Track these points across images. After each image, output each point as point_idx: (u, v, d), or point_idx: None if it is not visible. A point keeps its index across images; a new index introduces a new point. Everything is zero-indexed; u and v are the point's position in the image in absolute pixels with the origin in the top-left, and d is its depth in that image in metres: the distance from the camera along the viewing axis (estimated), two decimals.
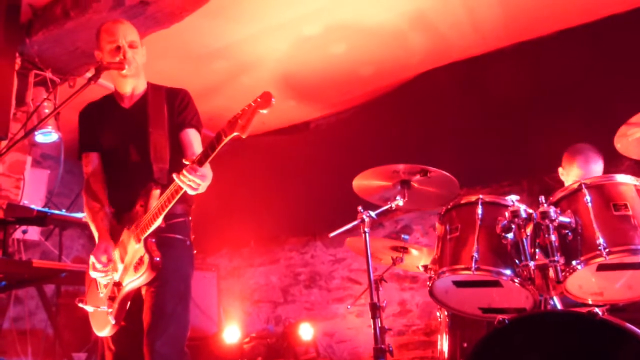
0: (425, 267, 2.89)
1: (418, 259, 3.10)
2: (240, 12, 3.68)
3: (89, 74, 2.23)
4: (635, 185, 2.10)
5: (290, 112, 5.12)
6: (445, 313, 2.77)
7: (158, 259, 2.14)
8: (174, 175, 2.05)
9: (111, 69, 2.28)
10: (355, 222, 2.64)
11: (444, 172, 2.68)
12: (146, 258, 2.13)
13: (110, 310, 2.25)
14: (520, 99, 3.98)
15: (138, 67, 2.39)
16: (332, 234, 2.84)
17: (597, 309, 1.82)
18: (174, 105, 2.42)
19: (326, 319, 4.55)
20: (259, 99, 1.89)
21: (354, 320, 4.41)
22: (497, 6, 3.74)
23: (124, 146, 2.38)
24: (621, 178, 2.12)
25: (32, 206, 3.22)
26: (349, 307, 3.59)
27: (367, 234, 2.60)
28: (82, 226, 3.64)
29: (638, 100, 2.28)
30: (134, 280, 2.19)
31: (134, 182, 2.29)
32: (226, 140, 1.97)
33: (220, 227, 5.01)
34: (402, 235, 2.98)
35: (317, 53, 4.24)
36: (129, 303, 2.26)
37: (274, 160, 5.08)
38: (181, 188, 2.05)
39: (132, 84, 2.43)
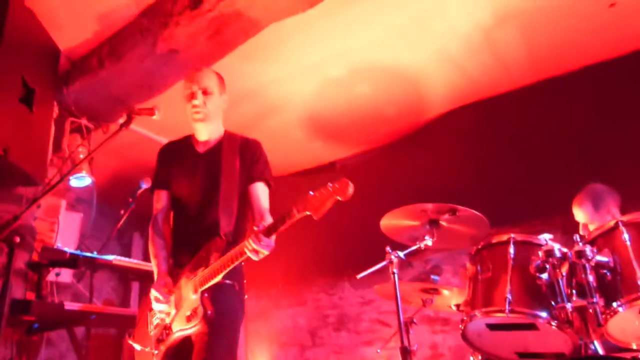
0: (458, 305, 2.82)
1: (449, 299, 3.03)
2: (267, 55, 3.77)
3: (121, 120, 2.30)
4: None
5: (316, 153, 5.16)
6: (480, 358, 2.67)
7: (211, 314, 2.14)
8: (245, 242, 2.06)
9: (142, 114, 2.35)
10: (383, 263, 2.61)
11: (473, 210, 2.65)
12: (200, 310, 2.14)
13: (156, 352, 2.25)
14: (548, 135, 3.93)
15: (209, 113, 2.43)
16: (359, 276, 2.80)
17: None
18: (246, 156, 2.44)
19: None
20: (337, 185, 1.91)
21: None
22: (522, 44, 3.75)
23: (194, 191, 2.41)
24: None
25: (65, 249, 3.29)
26: (378, 351, 3.49)
27: (395, 275, 2.55)
28: (113, 268, 3.70)
29: None
30: (185, 330, 2.19)
31: (199, 230, 2.31)
32: (297, 217, 1.99)
33: (247, 267, 4.99)
34: (432, 276, 2.92)
35: (342, 94, 4.29)
36: (174, 350, 2.26)
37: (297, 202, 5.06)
38: (245, 252, 2.07)
39: (205, 130, 2.47)
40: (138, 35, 3.14)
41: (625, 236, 2.01)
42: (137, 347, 2.35)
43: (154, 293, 2.27)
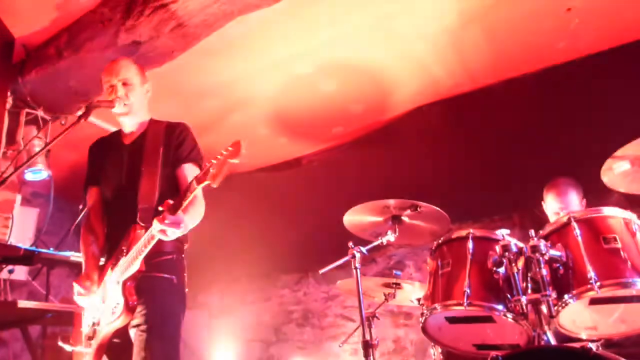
0: (419, 300, 2.87)
1: (411, 293, 3.08)
2: (231, 52, 3.74)
3: (79, 112, 2.24)
4: (623, 218, 2.12)
5: (282, 149, 5.15)
6: (439, 350, 2.73)
7: (133, 303, 2.12)
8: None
9: (101, 106, 2.31)
10: (346, 258, 2.63)
11: (434, 207, 2.69)
12: (122, 301, 2.11)
13: (89, 350, 2.21)
14: (508, 135, 4.03)
15: (132, 105, 2.41)
16: (322, 271, 2.81)
17: (591, 344, 1.80)
18: (171, 140, 2.43)
19: (320, 358, 4.46)
20: (230, 148, 1.89)
21: (348, 358, 4.32)
22: (485, 46, 3.83)
23: (119, 183, 2.39)
24: (609, 211, 2.14)
25: (20, 245, 3.18)
26: (340, 345, 3.52)
27: (358, 270, 2.58)
28: (71, 265, 3.59)
29: (622, 135, 2.31)
30: (111, 323, 2.16)
31: (125, 221, 2.28)
32: (198, 188, 1.97)
33: (212, 264, 4.96)
34: (394, 271, 2.96)
35: (308, 90, 4.29)
36: (109, 346, 2.22)
37: (266, 197, 5.08)
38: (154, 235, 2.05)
39: (130, 122, 2.46)
40: (99, 25, 3.07)
41: (577, 232, 2.08)
42: (68, 347, 2.30)
43: (75, 288, 2.25)
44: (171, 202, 2.03)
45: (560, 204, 3.11)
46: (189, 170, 2.36)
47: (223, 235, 4.85)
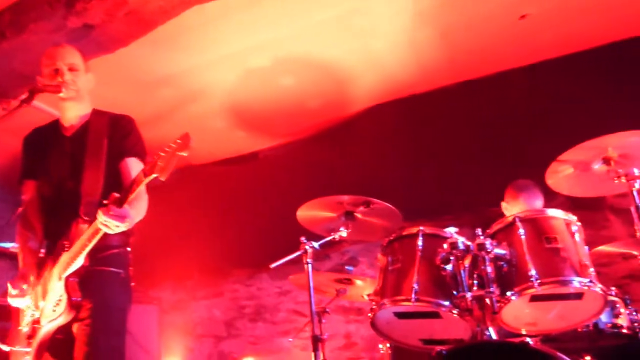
0: (370, 295, 2.90)
1: (362, 289, 3.11)
2: (187, 41, 3.67)
3: (22, 97, 2.15)
4: (565, 220, 2.20)
5: (239, 142, 5.10)
6: (388, 345, 2.77)
7: (76, 299, 2.06)
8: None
9: (47, 91, 2.21)
10: (297, 253, 2.63)
11: (386, 204, 2.73)
12: (64, 298, 2.05)
13: (29, 349, 2.12)
14: (461, 136, 4.13)
15: (80, 91, 2.33)
16: (272, 265, 2.80)
17: (529, 339, 1.87)
18: (115, 133, 2.35)
19: (271, 353, 4.46)
20: (178, 141, 1.86)
21: (299, 354, 4.33)
22: (441, 47, 3.90)
23: (60, 176, 2.30)
24: (552, 212, 2.22)
25: None
26: (290, 340, 3.53)
27: (309, 265, 2.59)
28: (12, 257, 3.45)
29: (568, 139, 2.40)
30: (53, 320, 2.09)
31: (66, 215, 2.20)
32: (145, 181, 1.93)
33: (164, 258, 4.86)
34: (346, 267, 2.99)
35: (266, 84, 4.27)
36: (50, 343, 2.15)
37: (220, 190, 5.02)
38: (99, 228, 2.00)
39: (73, 109, 2.36)
40: (46, 7, 2.94)
41: (521, 231, 2.16)
42: (6, 347, 2.21)
43: (9, 289, 2.18)
44: (117, 195, 1.98)
45: (530, 207, 3.17)
46: (133, 164, 2.30)
47: (175, 229, 4.76)
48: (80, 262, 2.06)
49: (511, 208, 3.26)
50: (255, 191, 4.81)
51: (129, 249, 2.30)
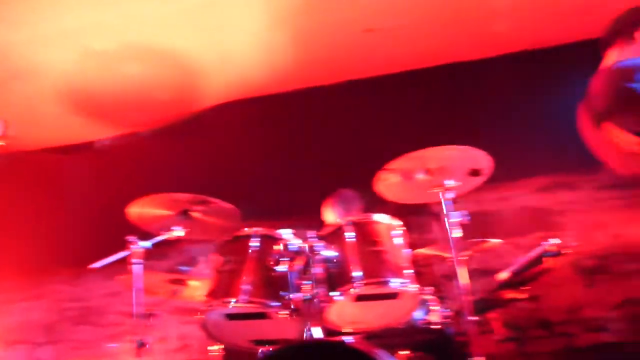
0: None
1: (198, 290, 3.03)
2: (15, 12, 3.26)
3: None
4: (388, 225, 2.37)
5: (74, 129, 4.67)
6: (220, 347, 2.72)
7: None
8: None
9: None
10: (123, 253, 2.46)
11: (224, 203, 2.68)
12: None
13: None
14: (307, 140, 4.25)
15: None
16: (93, 265, 2.59)
17: (349, 337, 1.97)
18: None
19: (96, 359, 4.13)
20: None
21: (127, 358, 4.08)
22: (293, 51, 3.98)
23: None
24: (378, 217, 2.38)
25: None
26: (113, 345, 3.30)
27: (137, 266, 2.44)
28: None
29: (396, 150, 2.57)
30: None
31: None
32: None
33: None
34: (181, 267, 2.88)
35: (108, 69, 3.97)
36: None
37: (48, 181, 4.55)
38: None
39: None
40: None
41: (349, 234, 2.27)
42: None
43: None
44: None
45: (335, 213, 3.36)
46: None
47: None
48: None
49: (326, 214, 3.44)
50: (88, 184, 4.44)
51: None
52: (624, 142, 2.33)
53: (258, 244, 2.34)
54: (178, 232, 2.66)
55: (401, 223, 2.44)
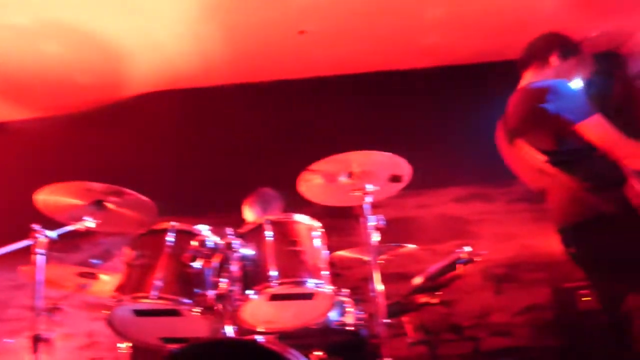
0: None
1: (109, 285, 2.89)
2: None
3: None
4: (308, 225, 2.37)
5: None
6: (128, 344, 2.62)
7: None
8: None
9: None
10: (26, 243, 2.30)
11: (141, 196, 2.58)
12: None
13: None
14: (238, 136, 4.20)
15: None
16: None
17: (263, 337, 1.96)
18: None
19: None
20: None
21: (27, 355, 3.82)
22: (225, 45, 3.91)
23: None
24: (298, 217, 2.38)
25: None
26: (11, 340, 3.09)
27: (41, 256, 2.30)
28: None
29: (321, 152, 2.58)
30: None
31: None
32: None
33: None
34: (92, 260, 2.75)
35: (24, 47, 3.72)
36: None
37: None
38: None
39: None
40: None
41: (268, 233, 2.25)
42: None
43: None
44: None
45: (255, 212, 3.34)
46: None
47: None
48: None
49: (246, 212, 3.42)
50: None
51: None
52: (533, 159, 2.48)
53: (174, 239, 2.26)
54: (89, 223, 2.53)
55: (321, 224, 2.45)
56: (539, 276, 4.26)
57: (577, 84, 2.68)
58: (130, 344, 2.61)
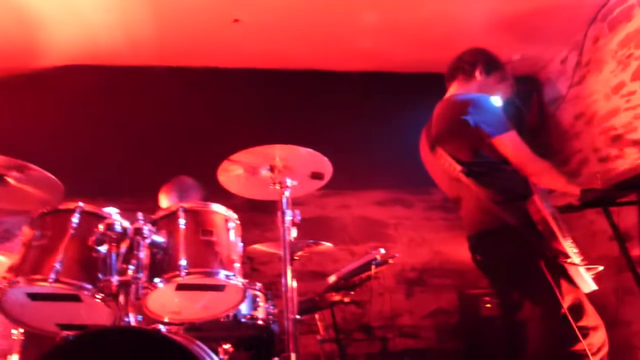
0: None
1: (4, 266, 2.68)
2: None
3: None
4: (225, 216, 2.32)
5: None
6: (21, 330, 2.44)
7: None
8: None
9: None
10: None
11: (46, 172, 2.41)
12: None
13: None
14: (159, 120, 4.05)
15: None
16: None
17: (162, 326, 1.89)
18: None
19: None
20: None
21: None
22: (153, 25, 3.76)
23: None
24: (215, 207, 2.31)
25: None
26: None
27: None
28: None
29: (244, 143, 2.54)
30: None
31: None
32: None
33: None
34: None
35: None
36: None
37: None
38: None
39: None
40: None
41: (181, 221, 2.18)
42: None
43: None
44: None
45: (167, 200, 3.24)
46: None
47: None
48: None
49: (161, 200, 3.33)
50: None
51: None
52: (450, 168, 2.58)
53: (79, 220, 2.13)
54: None
55: (237, 216, 2.40)
56: (447, 282, 4.45)
57: (497, 100, 2.82)
58: (23, 330, 2.43)
